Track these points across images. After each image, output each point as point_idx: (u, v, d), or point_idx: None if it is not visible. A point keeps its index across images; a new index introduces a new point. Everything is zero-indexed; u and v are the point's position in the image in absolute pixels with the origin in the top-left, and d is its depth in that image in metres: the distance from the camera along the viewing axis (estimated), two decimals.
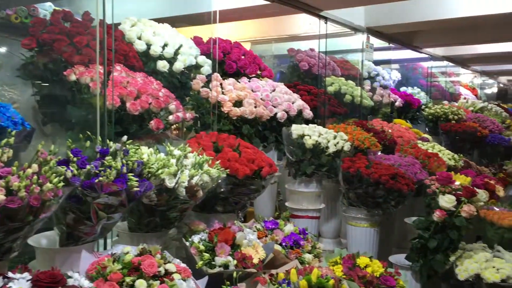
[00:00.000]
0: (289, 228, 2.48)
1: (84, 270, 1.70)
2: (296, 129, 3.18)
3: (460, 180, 3.31)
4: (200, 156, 2.22)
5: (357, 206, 3.11)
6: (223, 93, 3.26)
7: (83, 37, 2.50)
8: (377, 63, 5.72)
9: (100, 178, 1.72)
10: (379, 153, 3.61)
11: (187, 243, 2.14)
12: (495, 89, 11.38)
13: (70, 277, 1.60)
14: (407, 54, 6.66)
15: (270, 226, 2.48)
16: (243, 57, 3.97)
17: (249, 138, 3.22)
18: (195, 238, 2.14)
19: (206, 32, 3.76)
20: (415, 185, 3.18)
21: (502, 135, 5.97)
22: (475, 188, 2.96)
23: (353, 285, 2.19)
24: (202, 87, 3.23)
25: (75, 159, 1.73)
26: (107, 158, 1.81)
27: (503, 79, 11.60)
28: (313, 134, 3.14)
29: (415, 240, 3.03)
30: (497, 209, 3.51)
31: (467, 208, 2.82)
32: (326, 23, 4.23)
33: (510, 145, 5.94)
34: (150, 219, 2.12)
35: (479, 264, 2.92)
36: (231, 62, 3.86)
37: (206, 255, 2.02)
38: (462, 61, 8.14)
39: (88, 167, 1.72)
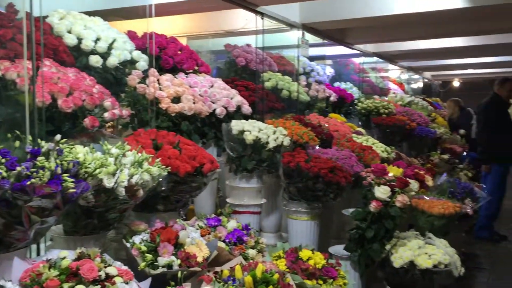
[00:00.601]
0: (232, 224, 2.46)
1: (17, 278, 1.59)
2: (236, 125, 3.17)
3: (393, 172, 3.45)
4: (140, 154, 2.15)
5: (297, 200, 3.15)
6: (160, 89, 3.18)
7: (8, 30, 2.34)
8: (311, 59, 5.83)
9: (32, 180, 1.62)
10: (317, 147, 3.68)
11: (128, 245, 2.07)
12: (420, 84, 11.97)
13: (2, 286, 1.50)
14: (340, 50, 6.84)
15: (213, 223, 2.45)
16: (179, 52, 3.90)
17: (188, 134, 3.17)
18: (136, 239, 2.08)
19: (140, 26, 3.65)
20: (352, 177, 3.27)
21: (429, 128, 6.30)
22: (407, 179, 3.09)
23: (296, 278, 2.22)
24: (139, 83, 3.13)
25: (3, 160, 1.61)
26: (39, 158, 1.70)
27: (428, 74, 12.23)
28: (253, 129, 3.14)
29: (352, 231, 3.12)
30: (427, 198, 3.70)
31: (401, 198, 2.93)
32: (262, 18, 4.25)
33: (436, 137, 6.28)
34: (88, 221, 2.03)
35: (413, 251, 3.06)
36: (167, 57, 3.77)
37: (149, 256, 1.97)
38: (391, 57, 8.49)
39: (18, 168, 1.61)
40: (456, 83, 14.51)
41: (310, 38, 5.39)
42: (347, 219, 3.59)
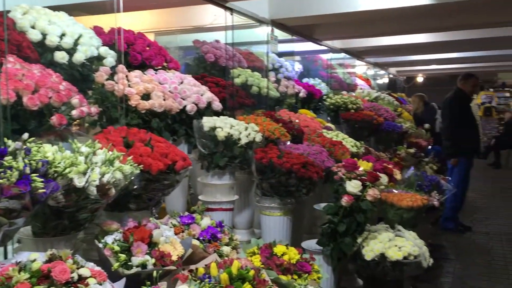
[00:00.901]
0: (206, 222, 2.45)
1: None
2: (208, 122, 3.15)
3: (363, 166, 3.50)
4: (110, 152, 2.11)
5: (270, 195, 3.16)
6: (129, 85, 3.12)
7: None
8: (280, 55, 5.84)
9: (0, 180, 1.56)
10: (288, 143, 3.70)
11: (100, 245, 2.02)
12: (386, 80, 12.18)
13: None
14: (308, 46, 6.88)
15: (187, 221, 2.43)
16: (148, 48, 3.83)
17: (158, 132, 3.12)
18: (109, 239, 2.04)
19: (106, 21, 3.57)
20: (323, 172, 3.30)
21: (395, 123, 6.42)
22: (377, 173, 3.14)
23: (272, 274, 2.23)
24: (107, 79, 3.06)
25: None
26: (6, 158, 1.64)
27: (393, 70, 12.47)
28: (225, 126, 3.13)
29: (325, 226, 3.15)
30: (396, 192, 3.77)
31: (372, 192, 2.98)
32: (232, 14, 4.22)
33: (402, 131, 6.41)
34: (58, 222, 1.98)
35: (383, 244, 3.12)
36: (135, 53, 3.70)
37: (122, 256, 1.93)
38: (358, 53, 8.60)
39: None
40: (420, 79, 14.85)
41: (279, 34, 5.40)
42: (318, 214, 3.62)
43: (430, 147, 6.85)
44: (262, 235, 3.30)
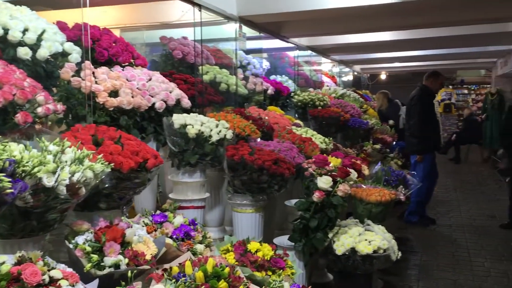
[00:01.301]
0: (179, 220, 2.42)
1: None
2: (178, 119, 3.11)
3: (332, 162, 3.54)
4: (80, 150, 2.05)
5: (242, 192, 3.15)
6: (96, 82, 3.05)
7: None
8: (247, 52, 5.84)
9: None
10: (259, 140, 3.70)
11: (71, 246, 1.97)
12: (350, 77, 12.37)
13: None
14: (275, 43, 6.90)
15: (159, 220, 2.40)
16: (114, 44, 3.75)
17: (127, 129, 3.06)
18: (80, 239, 1.99)
19: (69, 17, 3.47)
20: (294, 168, 3.32)
21: (361, 119, 6.52)
22: (348, 169, 3.18)
23: (246, 270, 2.22)
24: (72, 76, 2.98)
25: None
26: None
27: (357, 68, 12.67)
28: (195, 123, 3.10)
29: (296, 221, 3.17)
30: (364, 187, 3.83)
31: (343, 187, 3.02)
32: (200, 10, 4.19)
33: (368, 127, 6.52)
34: (26, 223, 1.91)
35: (354, 238, 3.17)
36: (101, 49, 3.61)
37: (94, 257, 1.88)
38: (323, 51, 8.69)
39: None
40: (383, 76, 15.15)
41: (247, 31, 5.39)
42: (289, 210, 3.64)
43: (394, 142, 7.00)
44: (234, 232, 3.29)
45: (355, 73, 12.71)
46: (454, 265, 4.43)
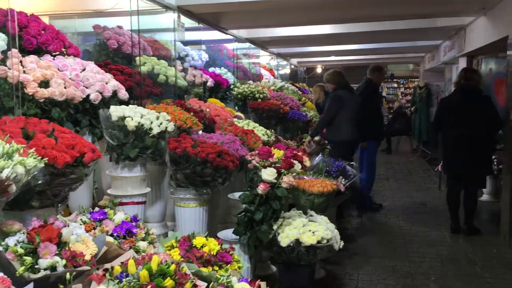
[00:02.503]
0: (119, 216, 2.30)
1: None
2: (116, 111, 2.96)
3: (275, 154, 3.53)
4: (9, 144, 1.88)
5: (185, 186, 3.06)
6: (24, 72, 2.83)
7: None
8: (185, 43, 5.70)
9: None
10: (200, 132, 3.62)
11: (0, 248, 1.80)
12: (287, 70, 12.48)
13: None
14: (213, 35, 6.80)
15: (98, 217, 2.26)
16: (43, 32, 3.52)
17: (59, 122, 2.88)
18: (10, 241, 1.82)
19: None
20: (238, 161, 3.27)
21: (300, 111, 6.59)
22: (292, 160, 3.17)
23: (192, 266, 2.14)
24: None
25: None
26: None
27: (294, 61, 12.82)
28: (134, 115, 2.96)
29: (241, 214, 3.13)
30: (306, 178, 3.86)
31: (287, 179, 3.01)
32: None
33: (307, 120, 6.60)
34: None
35: (298, 229, 3.17)
36: (30, 37, 3.37)
37: (28, 259, 1.74)
38: (262, 44, 8.70)
39: None
40: (319, 70, 15.44)
41: (185, 21, 5.25)
42: (233, 203, 3.59)
43: None
44: (177, 227, 3.20)
45: (292, 67, 12.85)
46: (392, 252, 4.58)
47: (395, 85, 20.38)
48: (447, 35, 8.15)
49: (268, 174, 3.00)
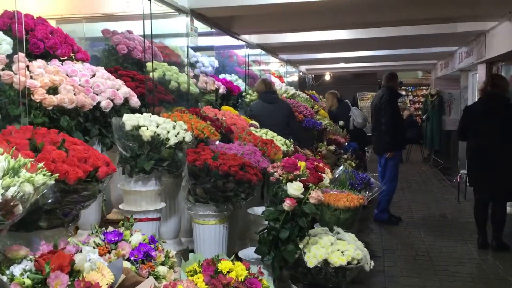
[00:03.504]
0: (137, 238, 2.05)
1: None
2: (130, 120, 2.73)
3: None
4: (15, 158, 1.65)
5: (205, 202, 2.82)
6: (32, 77, 2.61)
7: None
8: (195, 49, 5.50)
9: None
10: (217, 142, 3.39)
11: (5, 278, 1.56)
12: (295, 77, 12.26)
13: None
14: (223, 41, 6.61)
15: (113, 239, 2.02)
16: (51, 35, 3.30)
17: (68, 132, 2.65)
18: (16, 270, 1.58)
19: None
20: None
21: (315, 120, 6.36)
22: (320, 173, 2.93)
23: None
24: (2, 70, 2.53)
25: None
26: None
27: (303, 68, 12.61)
28: (150, 124, 2.73)
29: (263, 232, 2.88)
30: (330, 192, 3.61)
31: (315, 194, 2.76)
32: (150, 0, 3.80)
33: (321, 128, 6.37)
34: None
35: (326, 249, 2.92)
36: (36, 40, 3.15)
37: None
38: (272, 50, 8.49)
39: None
40: (327, 77, 15.23)
41: (197, 26, 5.04)
42: (252, 219, 3.35)
43: (346, 143, 6.90)
44: (196, 246, 2.95)
45: (301, 74, 12.64)
46: (418, 270, 4.31)
47: (403, 92, 20.12)
48: (464, 41, 7.91)
49: (295, 188, 2.75)
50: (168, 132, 2.76)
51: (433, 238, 5.32)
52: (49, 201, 1.78)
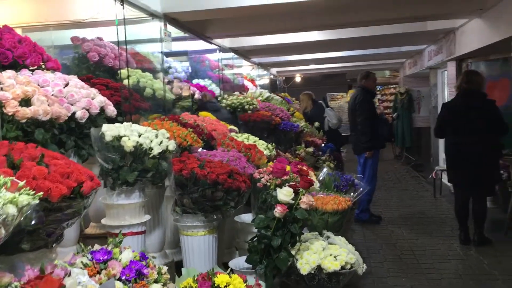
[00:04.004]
0: (127, 255, 1.93)
1: None
2: (110, 130, 2.60)
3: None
4: None
5: (193, 213, 2.70)
6: (2, 89, 2.46)
7: None
8: (167, 55, 5.38)
9: None
10: (200, 150, 3.28)
11: None
12: (266, 80, 12.22)
13: None
14: (196, 45, 6.50)
15: (102, 258, 1.89)
16: (19, 44, 3.14)
17: (44, 145, 2.50)
18: None
19: None
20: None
21: (291, 122, 6.30)
22: (310, 178, 2.86)
23: None
24: None
25: None
26: None
27: (274, 70, 12.58)
28: (131, 134, 2.60)
29: (253, 241, 2.79)
30: (316, 195, 3.55)
31: (306, 199, 2.69)
32: (122, 4, 3.67)
33: (299, 131, 6.32)
34: None
35: (318, 254, 2.85)
36: (4, 50, 2.99)
37: None
38: (245, 53, 8.42)
39: None
40: (298, 79, 15.25)
41: (170, 31, 4.92)
42: (241, 227, 3.25)
43: (323, 145, 6.87)
44: (184, 259, 2.83)
45: (272, 76, 12.61)
46: (405, 269, 4.30)
47: None
48: (433, 39, 8.03)
49: (285, 194, 2.67)
50: (151, 141, 2.64)
51: (415, 236, 5.34)
52: (33, 222, 1.65)
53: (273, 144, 4.30)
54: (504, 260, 4.43)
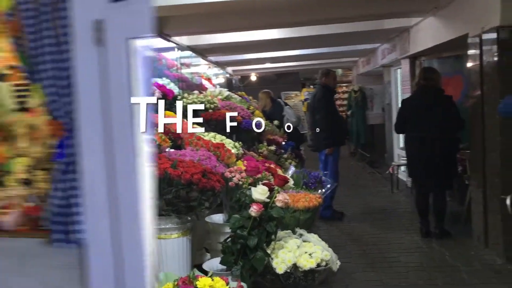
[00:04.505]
0: None
1: None
2: None
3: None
4: None
5: (167, 215, 2.60)
6: None
7: None
8: None
9: None
10: (168, 149, 3.17)
11: None
12: (222, 79, 12.11)
13: None
14: (153, 43, 6.33)
15: None
16: None
17: None
18: None
19: None
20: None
21: (252, 120, 6.25)
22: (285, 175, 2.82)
23: None
24: None
25: None
26: None
27: (230, 69, 12.50)
28: None
29: (226, 241, 2.72)
30: (287, 193, 3.51)
31: (282, 197, 2.65)
32: None
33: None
34: None
35: (293, 252, 2.82)
36: None
37: None
38: (202, 52, 8.31)
39: None
40: (253, 78, 15.24)
41: None
42: (212, 228, 3.17)
43: (284, 143, 6.86)
44: (159, 263, 2.71)
45: (228, 75, 12.52)
46: (372, 264, 4.36)
47: None
48: (387, 37, 8.21)
49: (260, 193, 2.62)
50: None
51: (378, 230, 5.43)
52: None
53: (240, 142, 4.23)
54: (464, 251, 4.58)
